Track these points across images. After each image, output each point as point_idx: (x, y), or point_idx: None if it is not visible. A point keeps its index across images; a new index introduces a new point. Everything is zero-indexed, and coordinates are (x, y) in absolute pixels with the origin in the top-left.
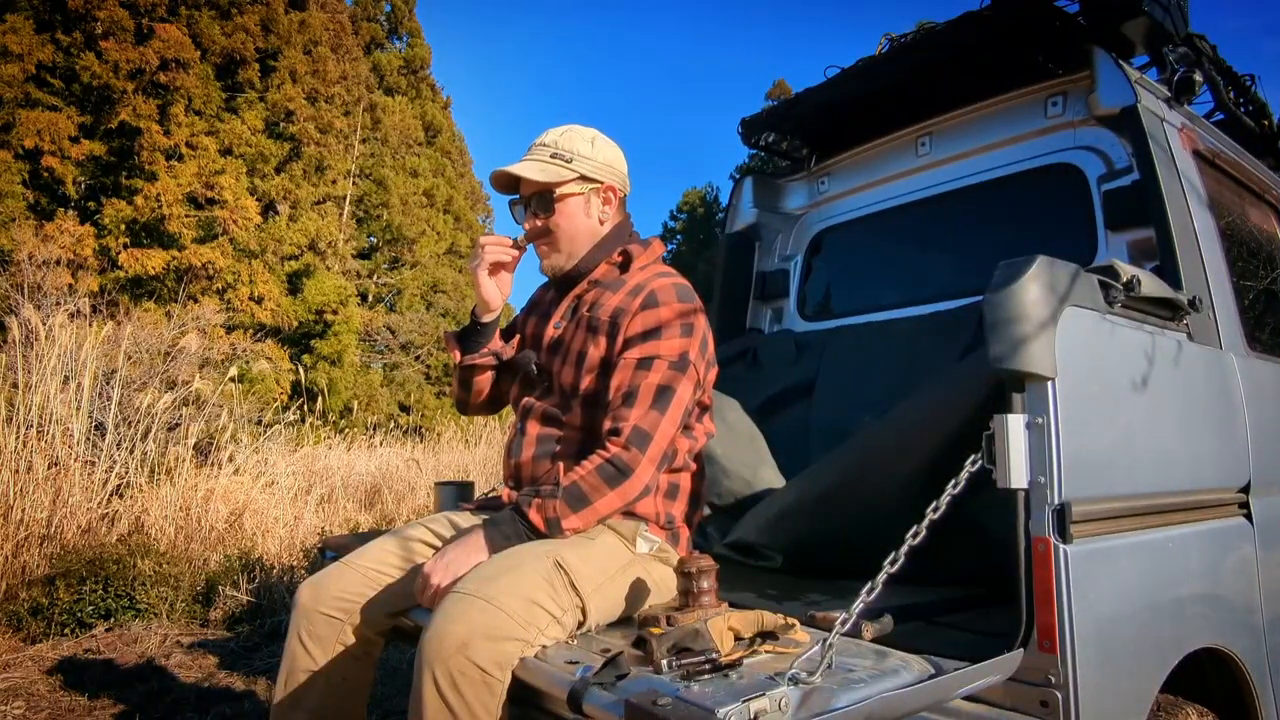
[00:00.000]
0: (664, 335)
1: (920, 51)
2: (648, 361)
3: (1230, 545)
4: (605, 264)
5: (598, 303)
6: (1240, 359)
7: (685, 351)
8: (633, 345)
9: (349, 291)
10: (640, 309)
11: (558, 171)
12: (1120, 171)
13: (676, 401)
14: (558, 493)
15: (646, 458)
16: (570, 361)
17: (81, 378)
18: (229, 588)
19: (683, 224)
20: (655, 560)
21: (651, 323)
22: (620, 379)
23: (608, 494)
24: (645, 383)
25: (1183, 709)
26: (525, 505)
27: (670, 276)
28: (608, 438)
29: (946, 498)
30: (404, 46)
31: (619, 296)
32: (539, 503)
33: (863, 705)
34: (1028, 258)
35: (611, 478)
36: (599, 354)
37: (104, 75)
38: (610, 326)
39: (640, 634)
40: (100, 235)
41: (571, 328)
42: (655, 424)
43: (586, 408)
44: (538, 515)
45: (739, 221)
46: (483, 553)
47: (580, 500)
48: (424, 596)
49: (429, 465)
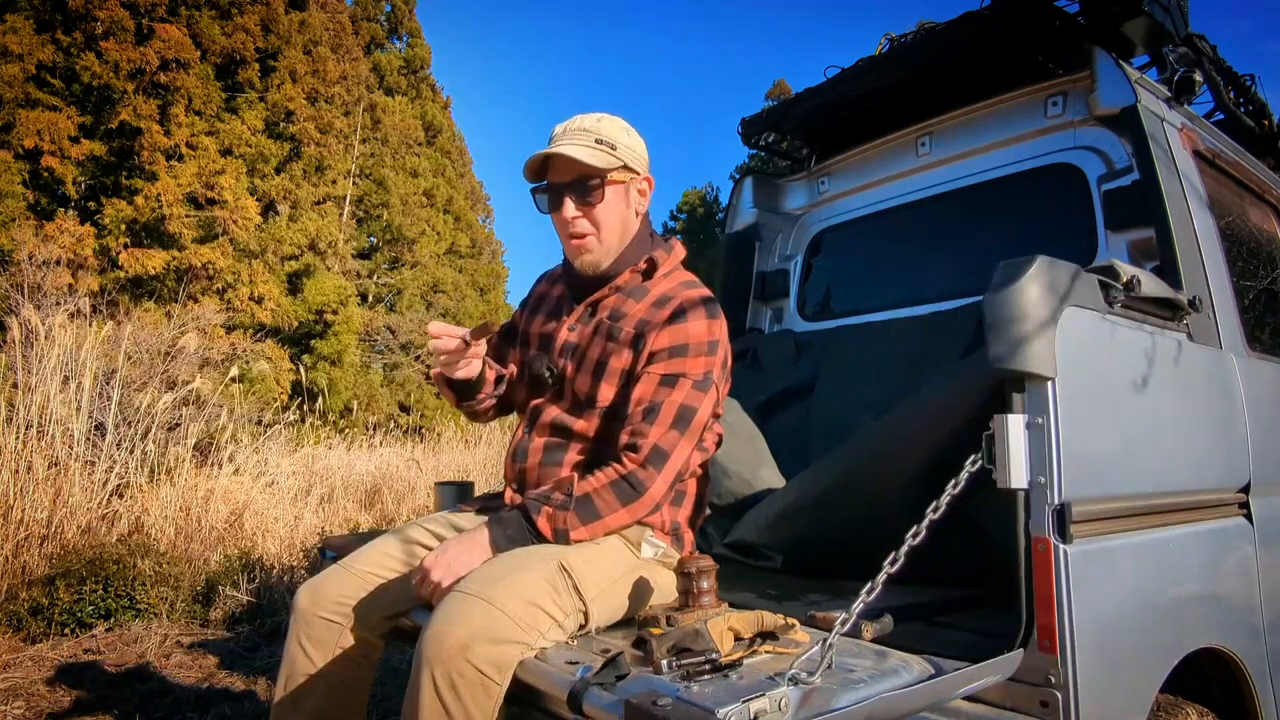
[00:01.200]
0: (691, 353)
1: (920, 51)
2: (672, 379)
3: (1230, 545)
4: (631, 270)
5: (619, 311)
6: (1240, 359)
7: (709, 371)
8: (658, 360)
9: (349, 291)
10: (667, 322)
11: (606, 157)
12: (1120, 171)
13: (697, 422)
14: (569, 504)
15: (661, 477)
16: (587, 370)
17: (81, 378)
18: (229, 588)
19: (683, 224)
20: (659, 565)
21: (680, 339)
22: (642, 393)
23: (619, 510)
24: (669, 400)
25: (1183, 709)
26: (534, 512)
27: (697, 289)
28: (625, 452)
29: (946, 498)
30: (404, 46)
31: (643, 307)
32: (549, 512)
33: (863, 705)
34: (1028, 258)
35: (626, 495)
36: (620, 365)
37: (104, 75)
38: (635, 339)
39: (640, 634)
40: (100, 235)
41: (589, 334)
42: (674, 444)
43: (602, 418)
44: (547, 524)
45: (739, 221)
46: (485, 553)
47: (591, 514)
48: (422, 589)
49: (429, 465)
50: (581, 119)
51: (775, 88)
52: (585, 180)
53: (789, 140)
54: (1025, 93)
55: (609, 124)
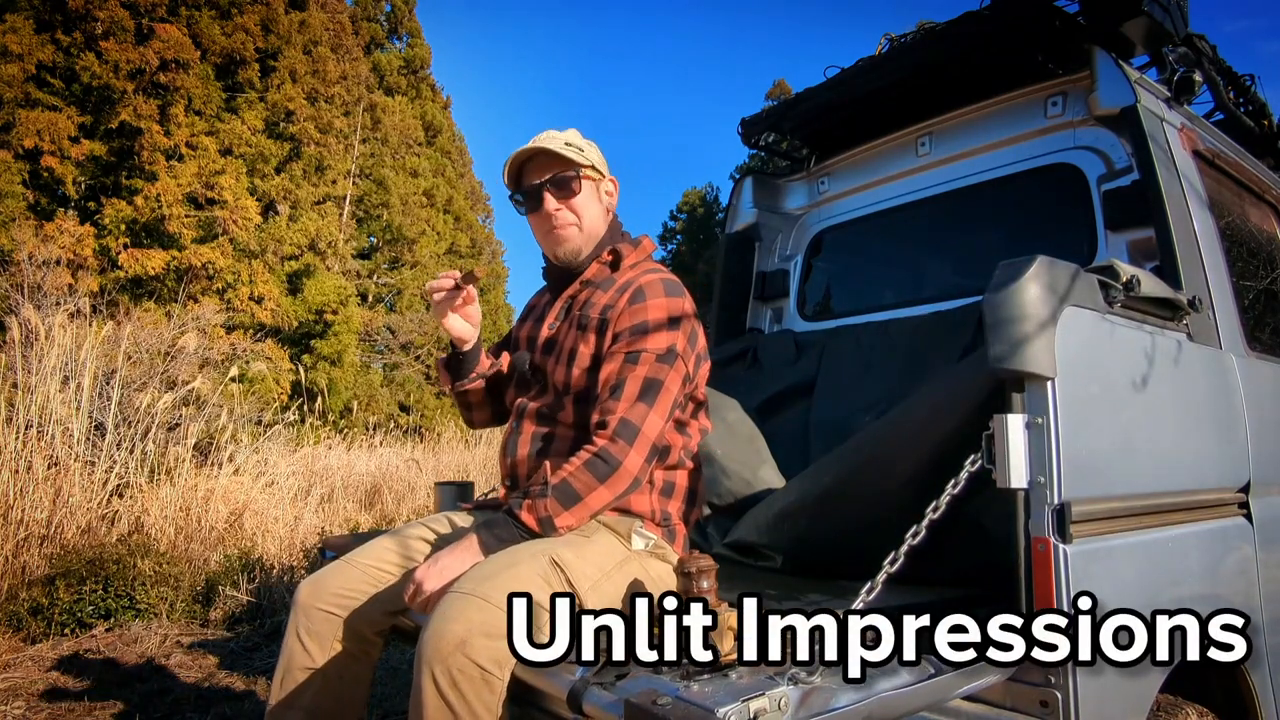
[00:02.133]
0: (651, 329)
1: (920, 52)
2: (635, 355)
3: (1230, 545)
4: (596, 263)
5: (589, 301)
6: (1240, 359)
7: (672, 345)
8: (620, 339)
9: (349, 291)
10: (628, 304)
11: (578, 154)
12: (1120, 171)
13: (664, 394)
14: (547, 491)
15: (634, 449)
16: (562, 360)
17: (81, 378)
18: (229, 588)
19: (683, 224)
20: (652, 557)
21: (639, 318)
22: (607, 373)
23: (598, 488)
24: (632, 375)
25: (1183, 709)
26: (516, 508)
27: (658, 273)
28: (595, 431)
29: (946, 498)
30: (404, 46)
31: (609, 295)
32: (529, 503)
33: (863, 705)
34: (1027, 258)
35: (601, 471)
36: (589, 351)
37: (104, 75)
38: (600, 324)
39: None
40: (100, 235)
41: (564, 327)
42: (643, 416)
43: (578, 404)
44: (529, 515)
45: (739, 221)
46: (476, 555)
47: (571, 497)
48: (415, 602)
49: (429, 465)
50: (548, 133)
51: (775, 88)
52: (562, 173)
53: (789, 140)
54: (1025, 93)
55: (573, 134)
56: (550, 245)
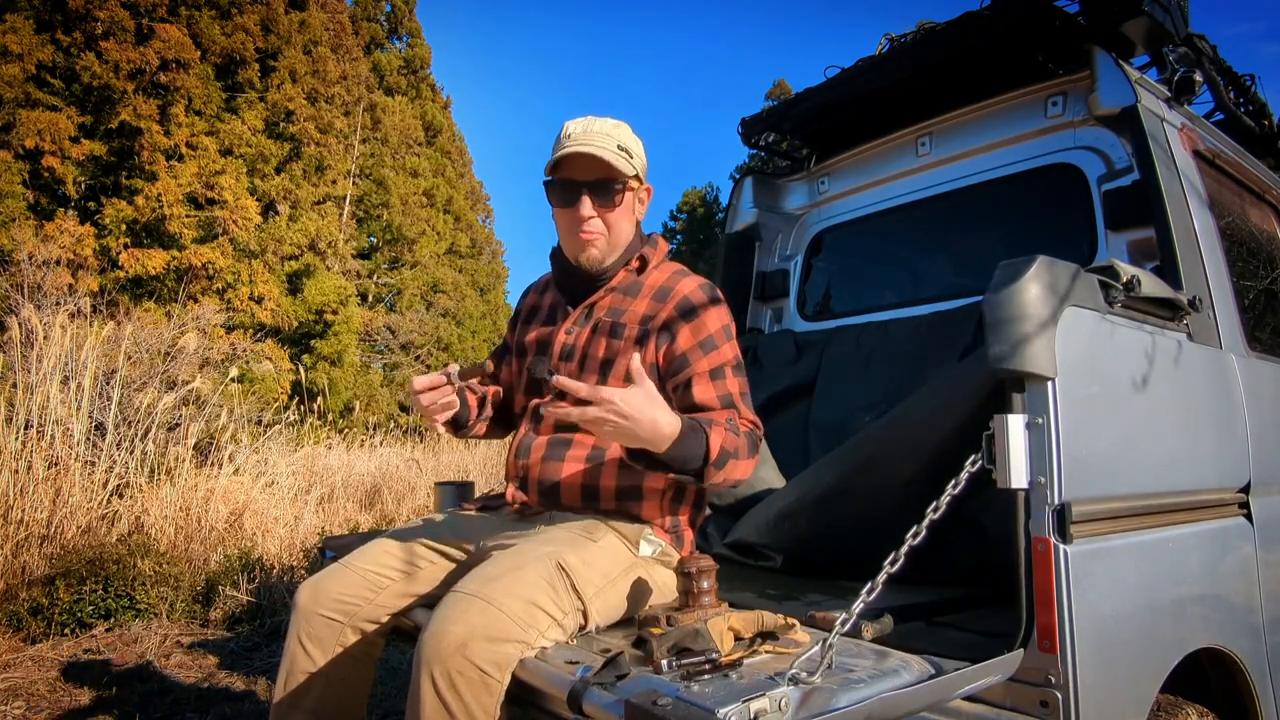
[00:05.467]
0: (719, 343)
1: (920, 51)
2: (720, 371)
3: (1230, 545)
4: (624, 270)
5: (618, 309)
6: (1240, 359)
7: (738, 354)
8: (694, 359)
9: (349, 291)
10: (679, 318)
11: (627, 164)
12: (1120, 171)
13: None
14: (739, 432)
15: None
16: (592, 369)
17: (81, 378)
18: (229, 588)
19: (683, 224)
20: (658, 563)
21: (702, 333)
22: (704, 395)
23: (746, 461)
24: (736, 391)
25: (1183, 709)
26: (708, 427)
27: (689, 276)
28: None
29: (946, 498)
30: (404, 46)
31: (643, 302)
32: (724, 434)
33: (863, 705)
34: (1028, 258)
35: (754, 448)
36: (626, 362)
37: (104, 75)
38: (640, 333)
39: (640, 634)
40: (100, 235)
41: (588, 334)
42: (759, 424)
43: None
44: (719, 441)
45: (739, 221)
46: (653, 432)
47: (740, 453)
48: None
49: (429, 465)
50: (600, 122)
51: (775, 88)
52: (608, 182)
53: (789, 140)
54: (1025, 93)
55: (625, 131)
56: (572, 247)
